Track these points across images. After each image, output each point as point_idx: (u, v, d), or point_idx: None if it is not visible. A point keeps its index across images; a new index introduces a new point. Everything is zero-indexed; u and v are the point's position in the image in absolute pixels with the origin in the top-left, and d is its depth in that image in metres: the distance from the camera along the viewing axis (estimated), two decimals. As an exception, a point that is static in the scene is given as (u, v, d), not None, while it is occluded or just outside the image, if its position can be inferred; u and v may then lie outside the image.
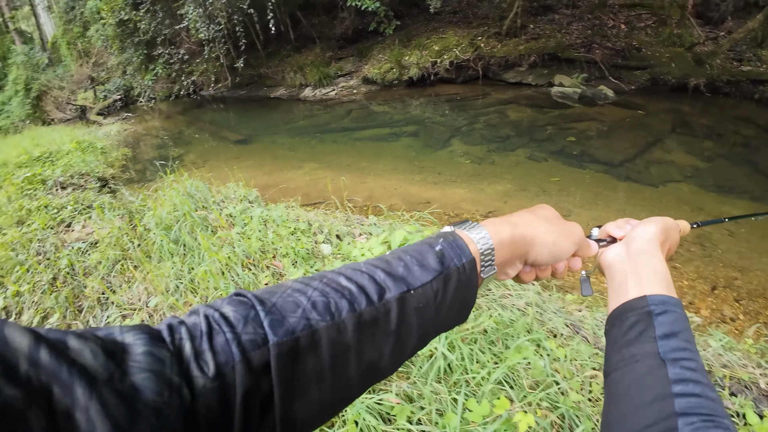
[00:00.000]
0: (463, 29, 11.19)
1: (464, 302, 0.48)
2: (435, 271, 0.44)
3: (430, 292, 0.44)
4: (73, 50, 23.32)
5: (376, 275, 0.43)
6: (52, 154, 7.97)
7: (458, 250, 0.47)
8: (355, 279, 0.42)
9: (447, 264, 0.45)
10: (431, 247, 0.47)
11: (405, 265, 0.44)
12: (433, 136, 7.15)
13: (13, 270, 3.39)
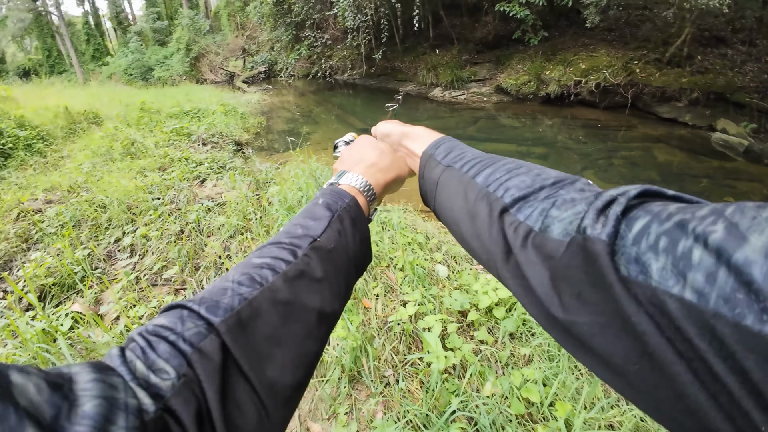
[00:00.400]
0: (618, 50, 10.20)
1: (363, 235, 0.55)
2: (327, 217, 0.50)
3: (332, 233, 0.49)
4: (232, 22, 26.01)
5: (282, 242, 0.46)
6: (200, 111, 8.90)
7: (337, 196, 0.54)
8: (266, 253, 0.45)
9: (334, 208, 0.52)
10: (315, 203, 0.53)
11: (301, 225, 0.49)
12: (564, 162, 6.62)
13: (147, 212, 3.72)
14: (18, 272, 3.00)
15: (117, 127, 6.95)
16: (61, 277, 2.84)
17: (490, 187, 0.45)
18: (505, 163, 0.47)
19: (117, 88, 17.49)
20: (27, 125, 6.72)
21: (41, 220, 3.64)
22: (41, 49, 31.74)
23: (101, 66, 30.07)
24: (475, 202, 0.45)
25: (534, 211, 0.38)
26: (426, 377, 1.97)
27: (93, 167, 5.07)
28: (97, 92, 12.77)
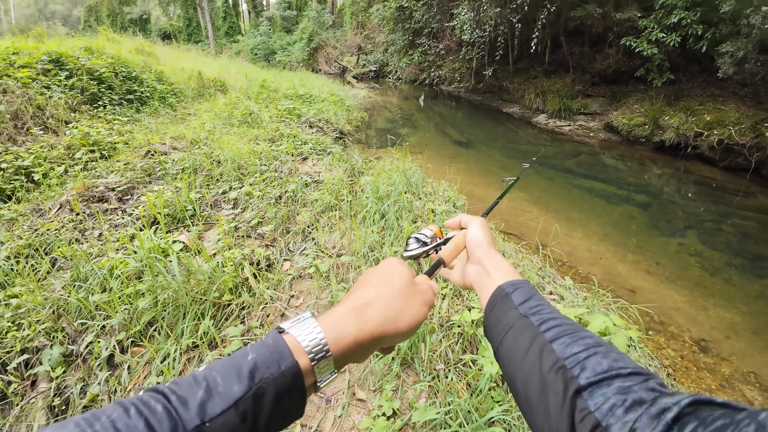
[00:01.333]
0: (749, 107, 9.21)
1: (290, 411, 0.44)
2: (240, 391, 0.39)
3: (233, 417, 0.38)
4: (354, 20, 27.28)
5: (171, 401, 0.37)
6: (311, 96, 9.53)
7: (273, 356, 0.43)
8: (145, 413, 0.35)
9: (258, 377, 0.41)
10: (244, 356, 0.42)
11: (207, 387, 0.39)
12: (666, 217, 6.18)
13: (253, 174, 4.16)
14: (141, 198, 3.51)
15: (239, 97, 7.71)
16: (175, 211, 3.30)
17: (567, 361, 0.46)
18: (583, 337, 0.49)
19: (243, 64, 19.18)
20: (164, 81, 7.69)
21: (165, 161, 4.20)
22: (183, 17, 35.71)
23: (232, 42, 33.12)
24: (549, 372, 0.47)
25: (605, 403, 0.40)
26: (474, 380, 2.04)
27: (214, 127, 5.71)
28: (226, 64, 14.16)
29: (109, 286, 2.40)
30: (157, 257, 2.49)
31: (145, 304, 2.25)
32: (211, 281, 2.47)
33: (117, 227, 3.11)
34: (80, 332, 2.20)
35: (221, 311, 2.43)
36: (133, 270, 2.51)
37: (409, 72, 19.75)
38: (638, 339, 2.81)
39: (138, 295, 2.33)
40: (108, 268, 2.48)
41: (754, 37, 8.13)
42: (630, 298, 3.67)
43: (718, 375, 3.13)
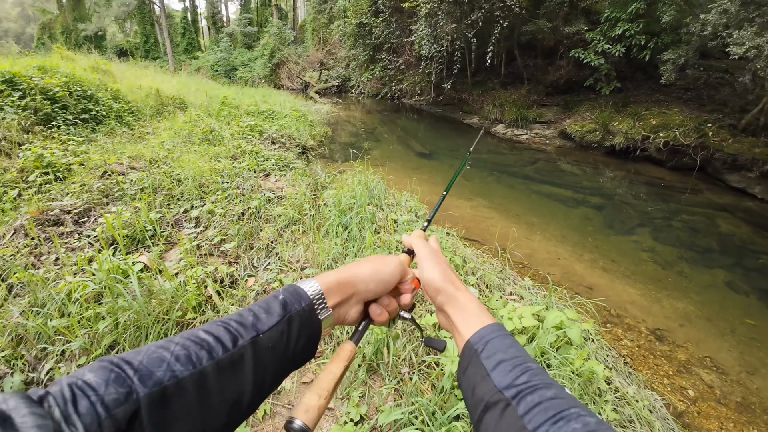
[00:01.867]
0: (692, 110, 9.87)
1: (310, 338, 0.58)
2: (279, 315, 0.54)
3: (276, 333, 0.53)
4: (315, 36, 27.50)
5: (230, 326, 0.51)
6: (274, 112, 9.50)
7: (298, 297, 0.58)
8: (212, 331, 0.49)
9: (289, 309, 0.55)
10: (276, 297, 0.57)
11: (254, 314, 0.54)
12: (619, 217, 6.50)
13: (215, 192, 4.12)
14: (98, 219, 3.42)
15: (199, 115, 7.62)
16: (134, 231, 3.23)
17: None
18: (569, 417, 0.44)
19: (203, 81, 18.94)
20: (121, 99, 7.51)
21: (123, 182, 4.11)
22: (140, 34, 34.88)
23: (191, 59, 32.61)
24: None
25: None
26: (438, 380, 2.10)
27: (174, 146, 5.62)
28: (185, 81, 13.94)
29: (67, 311, 2.33)
30: (116, 278, 2.44)
31: (105, 327, 2.20)
32: (174, 300, 2.43)
33: (74, 250, 3.02)
34: (40, 359, 2.13)
35: (185, 330, 2.40)
36: (92, 292, 2.45)
37: (371, 86, 20.03)
38: (595, 332, 2.95)
39: (98, 318, 2.27)
40: (66, 292, 2.41)
41: (694, 44, 8.75)
42: (588, 294, 3.84)
43: (675, 361, 3.31)
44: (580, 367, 2.18)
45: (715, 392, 3.05)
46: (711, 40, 8.23)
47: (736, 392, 3.08)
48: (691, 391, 3.03)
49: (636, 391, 2.48)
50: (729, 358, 3.45)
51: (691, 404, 2.92)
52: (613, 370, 2.63)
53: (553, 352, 2.29)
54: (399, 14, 16.31)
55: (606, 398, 2.23)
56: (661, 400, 2.70)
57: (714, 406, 2.92)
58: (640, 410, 2.27)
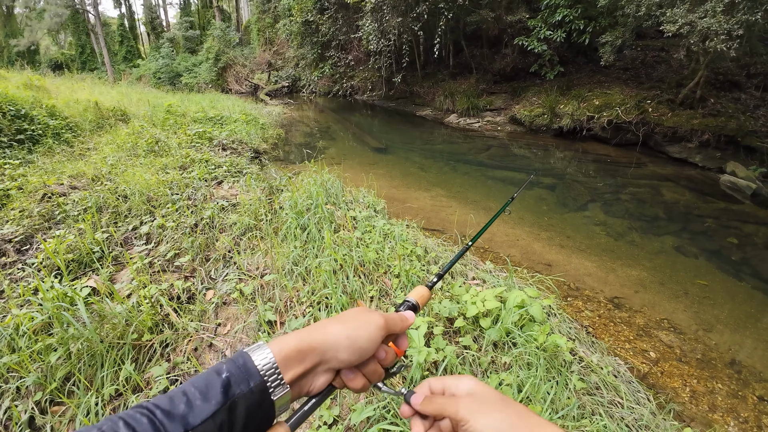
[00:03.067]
0: (632, 88, 10.41)
1: (261, 423, 0.49)
2: (218, 403, 0.45)
3: (212, 426, 0.44)
4: (261, 37, 26.90)
5: (155, 416, 0.43)
6: (223, 118, 9.23)
7: (246, 374, 0.48)
8: (134, 425, 0.41)
9: (233, 392, 0.46)
10: (218, 374, 0.47)
11: (187, 401, 0.45)
12: (571, 194, 6.75)
13: (165, 205, 3.95)
14: (40, 247, 3.21)
15: (143, 125, 7.28)
16: (80, 255, 3.05)
17: None
18: None
19: (145, 89, 18.14)
20: (57, 115, 7.06)
21: (65, 203, 3.87)
22: (75, 45, 32.95)
23: (132, 67, 31.16)
24: None
25: None
26: (407, 371, 2.10)
27: (117, 160, 5.34)
28: (126, 92, 13.28)
29: (17, 345, 2.18)
30: (63, 306, 2.29)
31: (57, 359, 2.07)
32: (128, 323, 2.31)
33: (18, 281, 2.82)
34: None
35: (142, 353, 2.29)
36: (40, 323, 2.29)
37: (322, 85, 19.82)
38: (556, 306, 3.05)
39: (49, 349, 2.13)
40: (13, 326, 2.25)
41: (630, 25, 9.17)
42: (547, 271, 3.97)
43: (634, 326, 3.47)
44: (544, 342, 2.24)
45: (675, 351, 3.22)
46: (646, 20, 8.65)
47: (696, 349, 3.26)
48: (653, 352, 3.19)
49: (600, 359, 2.58)
50: (685, 318, 3.65)
51: (654, 365, 3.07)
52: (577, 341, 2.73)
53: (517, 331, 2.34)
54: (345, 10, 16.20)
55: (572, 369, 2.31)
56: (625, 364, 2.82)
57: (676, 365, 3.08)
58: (605, 376, 2.36)
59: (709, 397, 2.82)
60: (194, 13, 34.60)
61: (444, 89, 13.79)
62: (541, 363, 2.18)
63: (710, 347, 3.30)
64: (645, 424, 2.10)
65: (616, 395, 2.28)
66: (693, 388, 2.89)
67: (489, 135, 11.31)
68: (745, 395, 2.87)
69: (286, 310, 2.63)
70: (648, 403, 2.35)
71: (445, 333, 2.44)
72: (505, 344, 2.38)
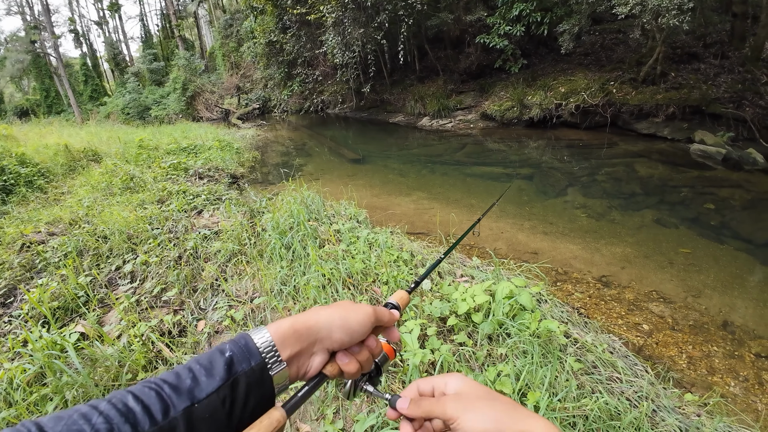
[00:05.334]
0: (594, 72, 10.70)
1: (261, 399, 0.51)
2: (222, 379, 0.48)
3: (216, 400, 0.46)
4: (227, 61, 26.84)
5: (163, 391, 0.45)
6: (196, 147, 9.16)
7: (247, 353, 0.50)
8: (142, 397, 0.44)
9: (235, 369, 0.49)
10: (222, 353, 0.50)
11: (193, 377, 0.47)
12: (549, 182, 6.87)
13: (146, 241, 3.91)
14: (24, 298, 3.15)
15: (116, 163, 7.19)
16: (65, 301, 3.00)
17: None
18: None
19: (115, 127, 17.92)
20: (28, 163, 6.95)
21: (44, 251, 3.80)
22: (39, 89, 32.34)
23: (99, 106, 30.69)
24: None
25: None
26: (405, 375, 2.12)
27: (93, 201, 5.26)
28: (95, 131, 13.11)
29: (13, 399, 2.13)
30: (54, 354, 2.25)
31: (54, 408, 2.03)
32: (121, 364, 2.28)
33: (5, 335, 2.76)
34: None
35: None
36: (33, 374, 2.25)
37: (293, 103, 19.84)
38: (546, 292, 3.10)
39: (45, 400, 2.09)
40: (7, 380, 2.20)
41: (585, 12, 9.45)
42: (534, 259, 4.03)
43: (625, 302, 3.54)
44: (536, 329, 2.27)
45: (667, 321, 3.29)
46: (599, 5, 8.93)
47: (688, 316, 3.33)
48: (645, 325, 3.25)
49: (594, 338, 2.62)
50: (673, 287, 3.74)
51: (648, 337, 3.13)
52: (570, 324, 2.77)
53: (510, 321, 2.38)
54: (307, 27, 16.28)
55: (567, 351, 2.35)
56: (619, 340, 2.88)
57: (669, 334, 3.15)
58: (601, 354, 2.40)
59: (706, 361, 2.89)
60: (156, 45, 34.38)
61: (413, 94, 13.95)
62: (536, 349, 2.22)
63: (701, 312, 3.38)
64: (645, 394, 2.14)
65: (614, 371, 2.33)
66: (689, 354, 2.96)
67: (462, 134, 11.46)
68: (742, 354, 2.95)
69: (279, 331, 2.62)
70: (646, 374, 2.40)
71: (438, 333, 2.46)
72: (499, 336, 2.41)
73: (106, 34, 38.67)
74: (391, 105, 15.11)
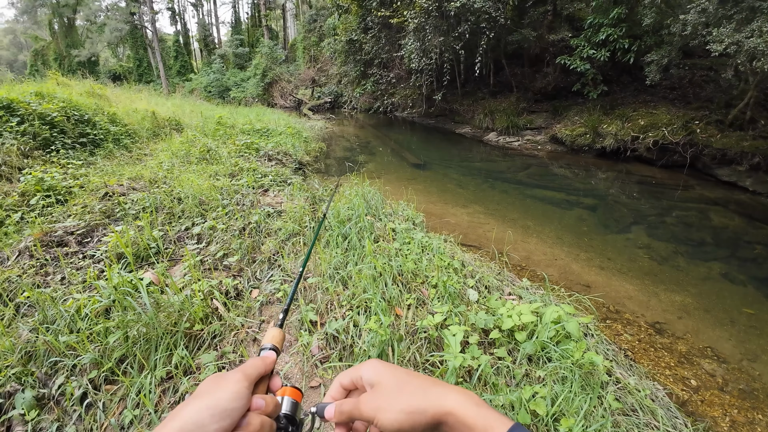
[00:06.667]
0: (679, 108, 10.09)
1: None
2: None
3: None
4: (306, 54, 27.90)
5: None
6: (269, 131, 9.63)
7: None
8: None
9: None
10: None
11: None
12: (613, 216, 6.60)
13: (216, 209, 4.20)
14: (103, 238, 3.49)
15: (195, 135, 7.73)
16: (138, 249, 3.30)
17: None
18: None
19: (197, 102, 19.14)
20: (118, 122, 7.62)
21: (125, 202, 4.18)
22: (133, 58, 35.17)
23: (185, 81, 32.95)
24: None
25: None
26: (442, 377, 2.16)
27: (172, 166, 5.70)
28: (179, 103, 14.10)
29: (76, 327, 2.39)
30: (126, 292, 2.50)
31: (115, 341, 2.26)
32: (181, 313, 2.49)
33: (79, 269, 3.08)
34: (50, 375, 2.18)
35: (193, 341, 2.46)
36: (102, 307, 2.51)
37: (363, 101, 20.28)
38: (594, 326, 3.02)
39: (107, 332, 2.33)
40: (75, 308, 2.47)
41: (676, 44, 8.97)
42: (585, 292, 3.91)
43: (676, 353, 3.36)
44: (579, 359, 2.24)
45: (717, 380, 3.10)
46: (692, 39, 8.44)
47: (739, 379, 3.13)
48: (694, 380, 3.08)
49: (637, 382, 2.53)
50: (729, 347, 3.51)
51: (694, 393, 2.97)
52: (614, 363, 2.69)
53: (553, 346, 2.36)
54: (388, 30, 16.61)
55: (608, 389, 2.29)
56: (663, 389, 2.75)
57: (717, 394, 2.97)
58: (642, 399, 2.32)
59: (748, 428, 2.71)
60: (244, 32, 36.32)
61: (484, 107, 13.83)
62: (576, 379, 2.18)
63: (754, 378, 3.16)
64: (682, 448, 2.06)
65: (653, 418, 2.25)
66: (733, 417, 2.78)
67: (528, 154, 11.22)
68: (787, 427, 2.74)
69: (326, 312, 2.75)
70: (685, 429, 2.30)
71: (480, 343, 2.48)
72: (540, 359, 2.39)
73: (200, 16, 41.40)
74: (459, 115, 15.07)
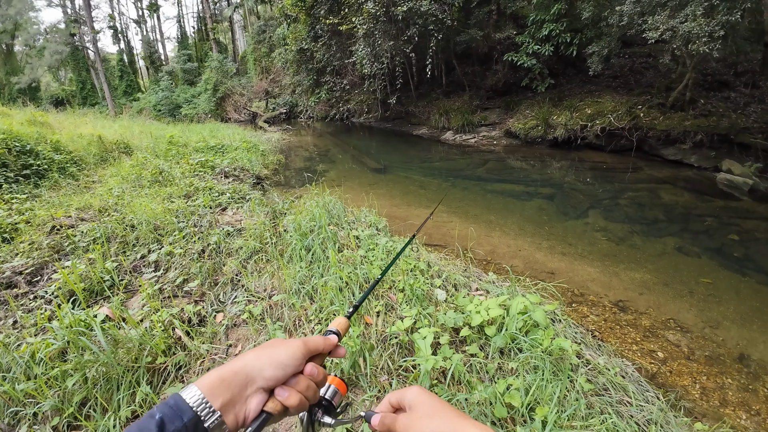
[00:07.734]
0: (622, 95, 10.60)
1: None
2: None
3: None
4: (258, 66, 27.49)
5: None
6: (223, 146, 9.40)
7: (178, 411, 0.50)
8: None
9: (167, 429, 0.48)
10: (152, 417, 0.49)
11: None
12: (570, 203, 6.83)
13: (172, 233, 4.04)
14: (53, 275, 3.28)
15: (146, 157, 7.44)
16: (91, 284, 3.12)
17: None
18: None
19: (147, 122, 18.46)
20: (62, 150, 7.23)
21: (74, 234, 3.96)
22: (75, 81, 33.50)
23: (132, 101, 31.71)
24: None
25: None
26: (416, 380, 2.15)
27: (123, 192, 5.46)
28: (127, 125, 13.54)
29: (33, 373, 2.24)
30: (79, 332, 2.35)
31: (74, 384, 2.12)
32: (141, 347, 2.37)
33: (31, 311, 2.89)
34: (12, 426, 2.03)
35: (157, 375, 2.34)
36: (56, 350, 2.35)
37: (319, 110, 20.17)
38: (561, 312, 3.09)
39: (65, 375, 2.19)
40: (29, 354, 2.31)
41: (615, 34, 9.41)
42: (550, 279, 4.01)
43: (641, 328, 3.49)
44: (548, 347, 2.28)
45: (683, 350, 3.24)
46: (629, 29, 8.88)
47: (704, 347, 3.28)
48: (660, 352, 3.21)
49: (607, 361, 2.61)
50: (691, 316, 3.67)
51: (662, 365, 3.09)
52: (583, 345, 2.76)
53: (522, 336, 2.39)
54: (338, 37, 16.60)
55: (579, 371, 2.35)
56: (633, 365, 2.84)
57: (684, 363, 3.10)
58: (613, 377, 2.39)
59: (719, 393, 2.84)
60: (191, 46, 35.46)
61: (439, 107, 14.05)
62: (547, 366, 2.22)
63: (718, 343, 3.32)
64: (654, 419, 2.13)
65: (625, 395, 2.31)
66: (703, 384, 2.91)
67: (485, 150, 11.47)
68: (756, 388, 2.89)
69: (295, 329, 2.68)
70: (657, 401, 2.38)
71: (451, 342, 2.49)
72: (511, 350, 2.42)
73: (143, 33, 40.12)
74: (415, 117, 15.23)
